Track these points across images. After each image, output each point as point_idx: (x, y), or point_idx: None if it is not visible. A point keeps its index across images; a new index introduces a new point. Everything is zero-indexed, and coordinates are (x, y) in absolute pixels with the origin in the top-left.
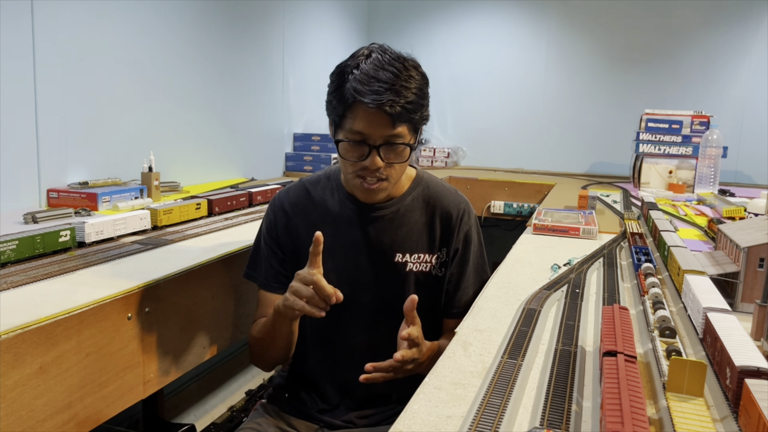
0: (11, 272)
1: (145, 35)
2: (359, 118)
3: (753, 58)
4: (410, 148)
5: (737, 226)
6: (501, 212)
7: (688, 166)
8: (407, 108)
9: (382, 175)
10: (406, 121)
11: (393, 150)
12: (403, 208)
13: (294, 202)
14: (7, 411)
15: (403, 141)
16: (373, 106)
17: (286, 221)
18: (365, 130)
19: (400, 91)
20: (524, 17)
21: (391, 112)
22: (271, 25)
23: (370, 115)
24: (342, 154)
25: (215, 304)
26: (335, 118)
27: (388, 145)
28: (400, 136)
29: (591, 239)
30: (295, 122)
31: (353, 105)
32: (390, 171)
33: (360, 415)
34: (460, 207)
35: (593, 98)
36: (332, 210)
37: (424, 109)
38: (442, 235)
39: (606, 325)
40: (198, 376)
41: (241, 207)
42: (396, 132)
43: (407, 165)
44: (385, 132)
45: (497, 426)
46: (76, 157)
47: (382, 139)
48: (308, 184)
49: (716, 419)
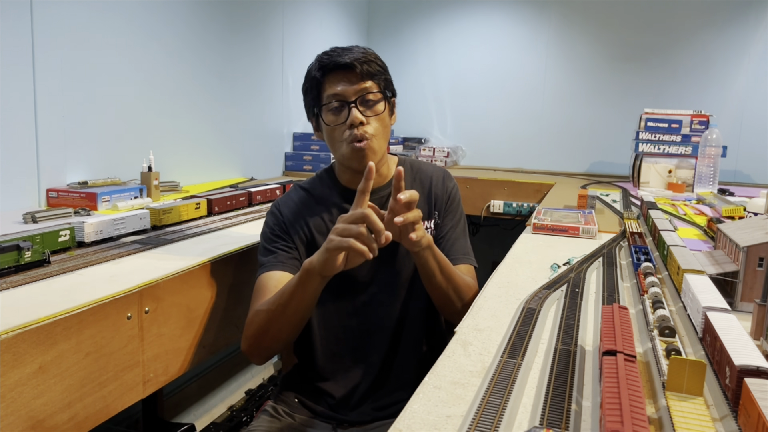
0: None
1: (144, 35)
2: (330, 85)
3: (752, 57)
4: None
5: (737, 225)
6: (500, 212)
7: (687, 165)
8: (368, 63)
9: (368, 131)
10: (372, 77)
11: (367, 104)
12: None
13: (295, 201)
14: (6, 411)
15: (375, 95)
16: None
17: (289, 220)
18: (338, 90)
19: (356, 51)
20: (524, 17)
21: (355, 66)
22: (270, 24)
23: (338, 77)
24: (327, 124)
25: (215, 304)
26: (314, 106)
27: (362, 100)
28: (370, 89)
29: (590, 239)
30: (295, 122)
31: (323, 78)
32: (372, 128)
33: (376, 407)
34: (440, 171)
35: (593, 97)
36: (333, 202)
37: (385, 73)
38: (433, 199)
39: (605, 325)
40: (198, 375)
41: (241, 207)
42: (366, 85)
43: (387, 129)
44: (356, 87)
45: (497, 425)
46: (76, 157)
47: (355, 93)
48: (302, 185)
49: (716, 418)
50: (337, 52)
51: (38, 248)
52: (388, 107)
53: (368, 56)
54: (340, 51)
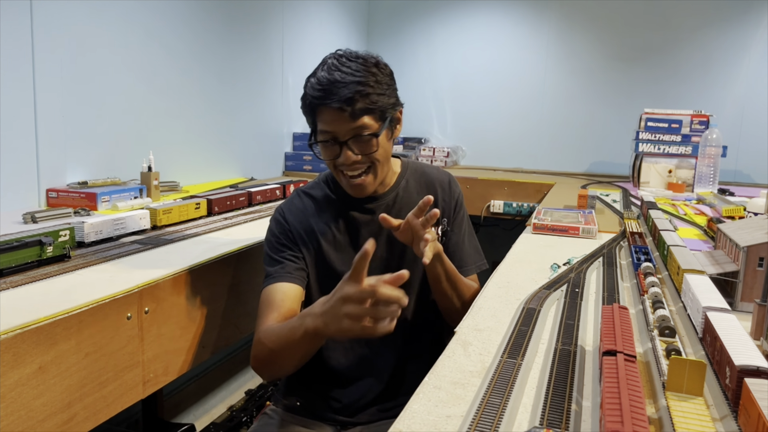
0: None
1: (144, 35)
2: (323, 120)
3: (752, 57)
4: (377, 137)
5: (737, 225)
6: (500, 212)
7: (687, 165)
8: (364, 100)
9: (363, 168)
10: (366, 113)
11: (361, 141)
12: (401, 191)
13: (299, 208)
14: (6, 411)
15: (369, 131)
16: (331, 106)
17: (295, 228)
18: (331, 128)
19: (353, 86)
20: (524, 17)
21: (347, 108)
22: (270, 24)
23: (331, 114)
24: (320, 156)
25: (215, 304)
26: (310, 125)
27: (356, 138)
28: (365, 127)
29: (590, 239)
30: (295, 122)
31: (316, 110)
32: (368, 159)
33: (382, 408)
34: (448, 178)
35: (593, 97)
36: (337, 207)
37: (386, 98)
38: (440, 206)
39: (605, 325)
40: (198, 376)
41: (241, 207)
42: (359, 124)
43: (387, 153)
44: (349, 126)
45: (497, 425)
46: (76, 157)
47: (348, 133)
48: (306, 190)
49: (716, 418)
50: (328, 85)
51: (60, 243)
52: (387, 132)
53: (365, 85)
54: (331, 85)
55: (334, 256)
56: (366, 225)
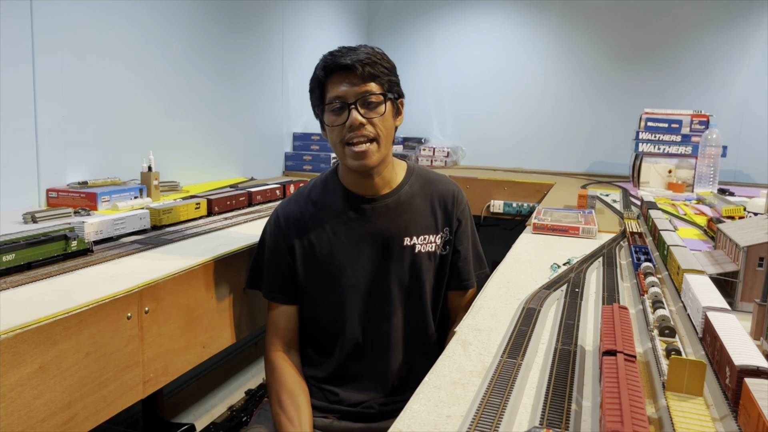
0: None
1: (144, 35)
2: (332, 86)
3: (752, 57)
4: (385, 103)
5: (737, 225)
6: (500, 212)
7: (687, 165)
8: (371, 65)
9: (369, 134)
10: (373, 79)
11: (368, 106)
12: (403, 195)
13: (296, 210)
14: (6, 411)
15: (375, 95)
16: (343, 62)
17: (291, 231)
18: (339, 92)
19: (361, 52)
20: (524, 17)
21: (356, 68)
22: (270, 24)
23: (340, 78)
24: (328, 125)
25: (215, 303)
26: (319, 106)
27: (363, 102)
28: (372, 91)
29: (590, 238)
30: (295, 122)
31: (326, 79)
32: (373, 130)
33: (378, 401)
34: (454, 190)
35: (593, 97)
36: (336, 208)
37: (391, 74)
38: (442, 216)
39: (605, 325)
40: (198, 375)
41: (241, 207)
42: (367, 88)
43: (390, 130)
44: (357, 89)
45: (497, 425)
46: (76, 157)
47: (356, 95)
48: (306, 191)
49: (716, 418)
50: (342, 52)
51: (83, 238)
52: (392, 108)
53: (373, 57)
54: (344, 51)
55: (328, 251)
56: (362, 222)
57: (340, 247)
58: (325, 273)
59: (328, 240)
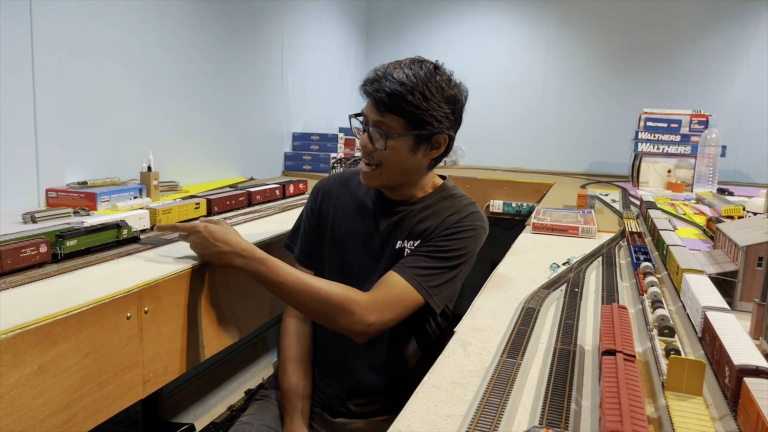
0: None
1: (144, 35)
2: (367, 102)
3: (752, 57)
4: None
5: (736, 225)
6: (500, 211)
7: (686, 165)
8: (398, 100)
9: (374, 160)
10: (393, 111)
11: (376, 134)
12: (418, 209)
13: (332, 185)
14: (6, 411)
15: (386, 128)
16: (367, 90)
17: (322, 202)
18: (365, 110)
19: (395, 85)
20: (523, 17)
21: (376, 97)
22: (270, 24)
23: (369, 100)
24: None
25: (215, 303)
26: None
27: (375, 129)
28: (387, 124)
29: (590, 238)
30: (294, 122)
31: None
32: (378, 157)
33: (355, 403)
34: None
35: (592, 97)
36: (360, 200)
37: (425, 114)
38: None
39: (605, 324)
40: (197, 375)
41: (240, 206)
42: (381, 119)
43: (402, 162)
44: (373, 116)
45: (496, 425)
46: (75, 157)
47: (372, 122)
48: (347, 175)
49: (715, 418)
50: (378, 75)
51: (131, 227)
52: (409, 143)
53: (407, 94)
54: (381, 76)
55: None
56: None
57: (350, 235)
58: (330, 244)
59: (341, 217)
